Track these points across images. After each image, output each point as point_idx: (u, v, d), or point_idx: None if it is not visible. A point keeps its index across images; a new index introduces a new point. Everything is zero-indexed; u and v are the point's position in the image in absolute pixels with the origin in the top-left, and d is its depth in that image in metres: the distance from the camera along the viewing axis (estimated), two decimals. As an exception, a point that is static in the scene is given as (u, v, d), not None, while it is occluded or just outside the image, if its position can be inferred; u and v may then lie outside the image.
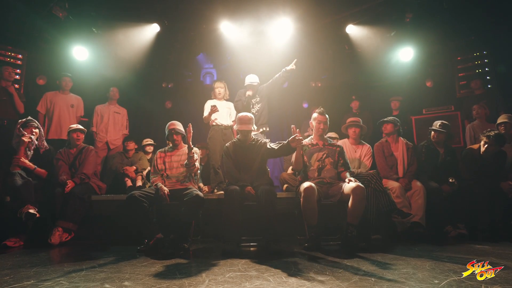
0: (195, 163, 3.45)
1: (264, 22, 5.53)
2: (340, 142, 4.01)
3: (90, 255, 2.94)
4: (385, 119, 4.20)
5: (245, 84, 4.68)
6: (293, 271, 2.37)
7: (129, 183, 4.40)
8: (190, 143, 3.37)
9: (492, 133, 3.70)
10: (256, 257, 2.81)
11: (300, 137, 3.09)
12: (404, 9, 5.24)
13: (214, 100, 4.73)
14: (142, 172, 4.60)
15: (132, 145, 4.96)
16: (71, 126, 4.19)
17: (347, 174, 3.36)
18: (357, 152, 4.08)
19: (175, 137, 3.62)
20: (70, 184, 3.65)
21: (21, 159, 3.62)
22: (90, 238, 3.75)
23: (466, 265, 2.42)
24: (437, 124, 4.11)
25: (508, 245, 3.26)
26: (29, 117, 3.93)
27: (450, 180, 3.75)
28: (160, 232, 3.17)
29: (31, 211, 3.31)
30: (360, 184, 3.12)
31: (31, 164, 3.70)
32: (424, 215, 3.65)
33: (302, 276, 2.21)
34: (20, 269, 2.44)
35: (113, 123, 5.35)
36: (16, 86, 5.11)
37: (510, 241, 3.38)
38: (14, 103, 4.68)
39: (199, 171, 3.70)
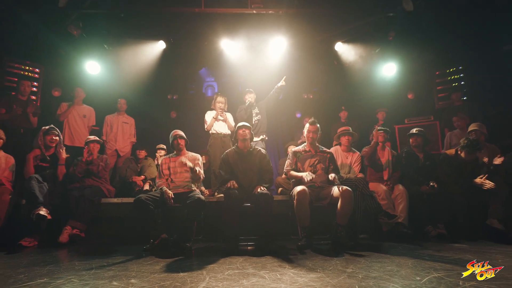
0: (201, 176, 3.52)
1: (260, 40, 5.57)
2: (332, 149, 4.02)
3: (99, 254, 2.92)
4: (384, 128, 4.24)
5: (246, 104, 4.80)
6: (287, 268, 2.35)
7: (137, 187, 4.37)
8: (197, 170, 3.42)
9: (468, 141, 3.73)
10: (253, 255, 2.80)
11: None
12: (387, 28, 5.31)
13: (214, 111, 4.76)
14: (150, 181, 4.58)
15: (143, 153, 4.92)
16: (89, 137, 4.24)
17: (333, 175, 3.36)
18: (348, 159, 4.09)
19: (179, 141, 3.61)
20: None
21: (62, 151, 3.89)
22: (100, 238, 3.71)
23: (446, 263, 2.44)
24: (413, 130, 4.21)
25: (484, 243, 3.27)
26: (52, 125, 3.95)
27: (431, 184, 3.76)
28: (164, 232, 3.15)
29: (42, 212, 3.29)
30: (348, 188, 3.14)
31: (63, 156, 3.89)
32: (407, 216, 3.66)
33: (295, 274, 2.20)
34: (34, 268, 2.42)
35: (121, 132, 5.34)
36: (33, 97, 5.11)
37: (486, 240, 3.39)
38: (29, 119, 4.68)
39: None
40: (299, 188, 3.23)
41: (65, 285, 1.98)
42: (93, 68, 5.54)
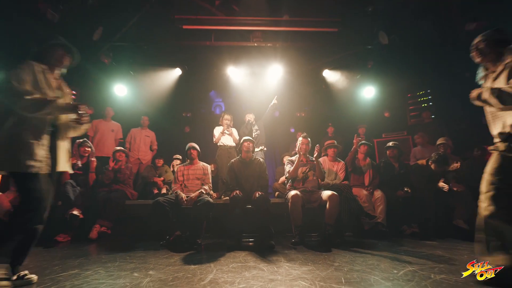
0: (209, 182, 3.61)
1: (260, 67, 5.66)
2: (321, 160, 4.03)
3: (123, 248, 2.91)
4: (365, 142, 4.26)
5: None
6: (282, 262, 2.34)
7: (155, 191, 4.37)
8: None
9: (438, 156, 3.74)
10: (254, 250, 2.79)
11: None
12: (366, 58, 5.41)
13: (221, 126, 4.80)
14: (167, 185, 4.59)
15: (161, 162, 4.96)
16: (116, 148, 4.28)
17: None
18: (334, 167, 4.09)
19: (192, 151, 3.67)
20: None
21: (93, 160, 3.96)
22: (124, 235, 3.69)
23: (419, 258, 2.43)
24: (390, 143, 4.25)
25: (451, 241, 3.24)
26: (85, 139, 3.99)
27: (405, 189, 3.76)
28: (178, 230, 3.13)
29: (75, 212, 3.32)
30: (335, 192, 3.16)
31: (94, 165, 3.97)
32: (385, 217, 3.65)
33: (289, 266, 2.19)
34: (67, 260, 2.43)
35: (143, 144, 5.36)
36: (70, 115, 5.16)
37: (453, 238, 3.36)
38: None
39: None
40: (292, 192, 3.25)
41: (93, 276, 1.98)
42: (120, 90, 5.63)
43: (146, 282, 1.84)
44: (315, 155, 3.52)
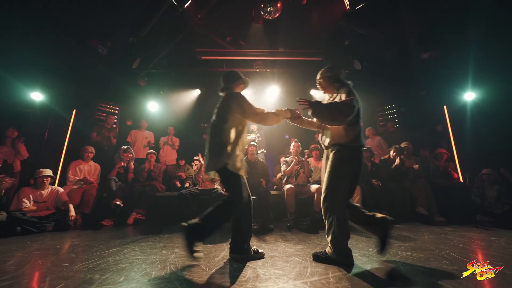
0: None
1: (261, 88, 5.66)
2: (309, 159, 3.98)
3: (154, 231, 2.89)
4: None
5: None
6: (280, 242, 2.30)
7: (178, 185, 4.33)
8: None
9: (395, 147, 3.79)
10: (257, 233, 2.75)
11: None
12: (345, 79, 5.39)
13: None
14: (189, 178, 4.54)
15: (183, 162, 4.92)
16: (148, 150, 4.29)
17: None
18: (319, 165, 4.04)
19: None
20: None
21: (131, 163, 3.97)
22: (155, 220, 3.68)
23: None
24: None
25: (415, 224, 3.16)
26: (128, 146, 4.01)
27: (374, 182, 3.69)
28: (197, 215, 3.10)
29: (118, 202, 3.30)
30: (321, 186, 3.08)
31: (132, 167, 3.93)
32: (361, 205, 3.54)
33: (286, 246, 2.15)
34: (110, 240, 2.41)
35: (170, 149, 5.34)
36: (114, 126, 5.20)
37: (416, 222, 3.29)
38: (111, 140, 4.74)
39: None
40: (288, 186, 3.23)
41: (130, 253, 1.95)
42: (153, 107, 5.63)
43: (172, 258, 1.81)
44: (287, 155, 3.50)
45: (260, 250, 1.84)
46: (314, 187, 3.16)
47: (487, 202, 3.48)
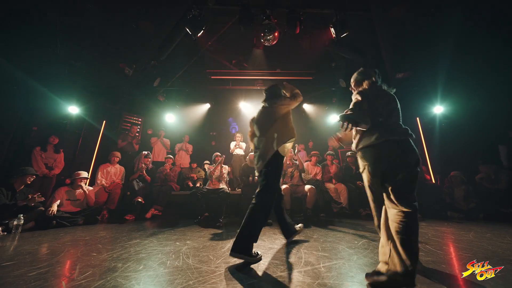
0: (224, 176, 3.49)
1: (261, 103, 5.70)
2: (305, 164, 3.93)
3: (169, 225, 2.86)
4: (332, 153, 4.14)
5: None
6: (278, 235, 2.27)
7: (190, 185, 4.31)
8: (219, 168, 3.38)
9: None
10: (258, 226, 2.70)
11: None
12: (331, 96, 5.42)
13: (235, 142, 4.81)
14: (201, 179, 4.52)
15: (195, 165, 4.91)
16: (166, 155, 4.27)
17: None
18: (315, 169, 3.99)
19: (216, 158, 3.62)
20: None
21: (150, 166, 3.92)
22: (170, 215, 3.65)
23: (371, 232, 2.31)
24: (348, 153, 4.19)
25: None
26: (148, 152, 4.00)
27: (358, 183, 3.65)
28: (207, 211, 3.08)
29: (139, 200, 3.27)
30: (313, 186, 3.09)
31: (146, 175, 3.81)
32: (347, 203, 3.54)
33: (283, 238, 2.11)
34: (132, 233, 2.38)
35: (184, 154, 5.34)
36: (137, 134, 5.22)
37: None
38: (133, 146, 4.75)
39: (227, 179, 3.65)
40: (284, 186, 3.19)
41: (148, 244, 1.93)
42: (170, 118, 5.65)
43: (185, 249, 1.78)
44: (296, 152, 3.43)
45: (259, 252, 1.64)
46: (307, 187, 3.13)
47: (455, 200, 3.43)
